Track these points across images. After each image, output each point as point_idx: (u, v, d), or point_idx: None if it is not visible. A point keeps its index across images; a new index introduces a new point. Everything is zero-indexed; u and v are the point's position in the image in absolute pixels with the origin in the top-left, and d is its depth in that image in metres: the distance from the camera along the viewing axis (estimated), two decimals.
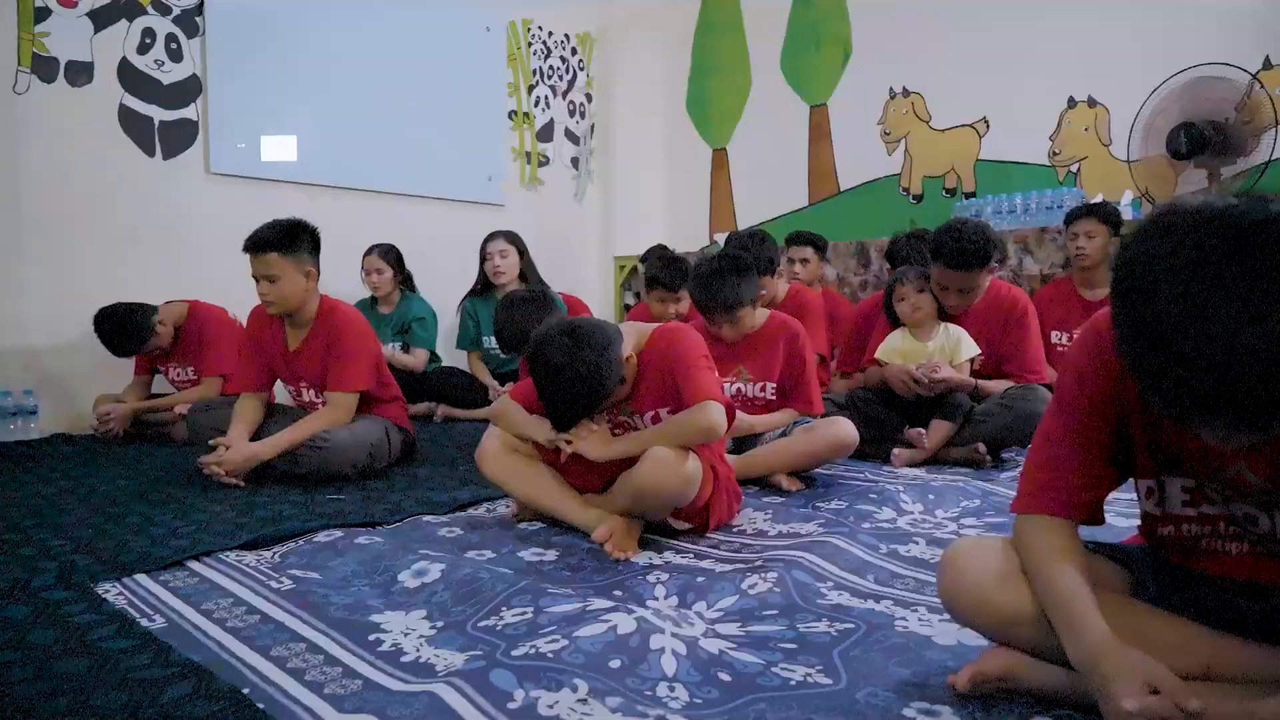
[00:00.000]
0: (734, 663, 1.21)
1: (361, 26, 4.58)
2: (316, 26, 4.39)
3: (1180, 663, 0.99)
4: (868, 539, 1.78)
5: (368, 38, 4.60)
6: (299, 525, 1.93)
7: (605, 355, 1.73)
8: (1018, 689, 1.08)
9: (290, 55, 4.29)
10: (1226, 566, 1.08)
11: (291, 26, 4.28)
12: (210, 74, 3.99)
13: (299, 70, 4.33)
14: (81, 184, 3.65)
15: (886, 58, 5.00)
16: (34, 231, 3.54)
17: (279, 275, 2.53)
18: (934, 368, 2.70)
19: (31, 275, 3.54)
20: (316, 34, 4.39)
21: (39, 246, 3.55)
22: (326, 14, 4.43)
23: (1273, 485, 0.99)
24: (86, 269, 3.63)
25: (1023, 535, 1.10)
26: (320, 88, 4.42)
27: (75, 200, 3.63)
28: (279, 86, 4.26)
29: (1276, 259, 0.76)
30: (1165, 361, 0.81)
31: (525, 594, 1.44)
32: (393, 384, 2.91)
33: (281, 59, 4.26)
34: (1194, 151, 3.66)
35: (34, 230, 3.54)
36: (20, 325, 3.51)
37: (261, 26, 4.16)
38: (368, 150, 4.63)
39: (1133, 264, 0.84)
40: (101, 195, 3.70)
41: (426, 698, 1.06)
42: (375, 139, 4.65)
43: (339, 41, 4.49)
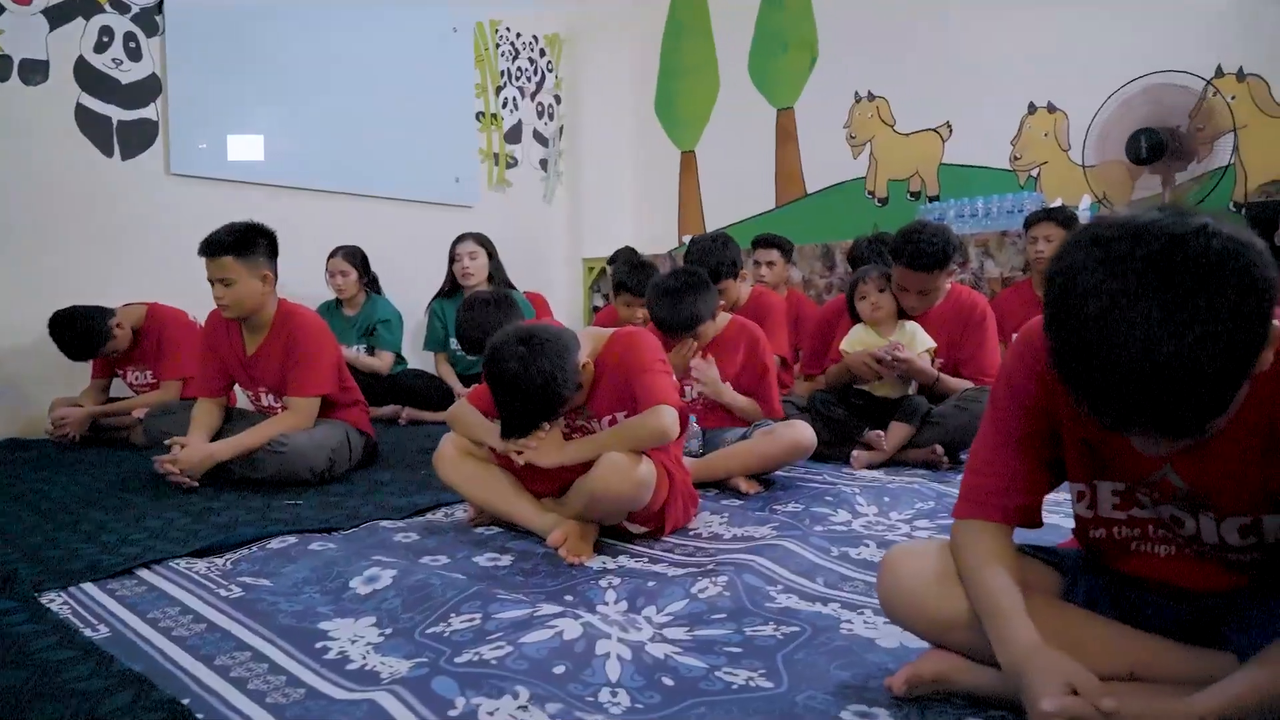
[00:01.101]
0: (679, 667, 1.23)
1: (326, 26, 4.54)
2: (281, 27, 4.35)
3: (1107, 664, 1.02)
4: (819, 542, 1.80)
5: (333, 38, 4.57)
6: (252, 532, 1.92)
7: (561, 363, 1.73)
8: (953, 690, 1.10)
9: (254, 55, 4.25)
10: (1155, 568, 1.11)
11: (255, 27, 4.24)
12: (170, 73, 3.94)
13: (263, 71, 4.29)
14: (37, 184, 3.59)
15: (852, 62, 5.05)
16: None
17: (234, 279, 2.51)
18: (895, 346, 2.73)
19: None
20: (281, 34, 4.35)
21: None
22: (291, 14, 4.39)
23: (1198, 489, 1.01)
24: (42, 270, 3.58)
25: (957, 540, 1.12)
26: (285, 88, 4.39)
27: (30, 200, 3.57)
28: (243, 87, 4.21)
29: (1196, 273, 0.79)
30: (1090, 371, 0.84)
31: (475, 600, 1.44)
32: (354, 387, 2.90)
33: (245, 59, 4.21)
34: (1154, 156, 3.74)
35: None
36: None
37: (223, 26, 4.12)
38: (334, 151, 4.59)
39: (1062, 274, 0.86)
40: (58, 195, 3.64)
41: (367, 705, 1.06)
42: (341, 140, 4.62)
43: (304, 42, 4.45)
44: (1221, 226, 0.81)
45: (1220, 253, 0.79)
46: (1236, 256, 0.79)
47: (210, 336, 2.75)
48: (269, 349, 2.67)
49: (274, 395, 2.71)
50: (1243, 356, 0.79)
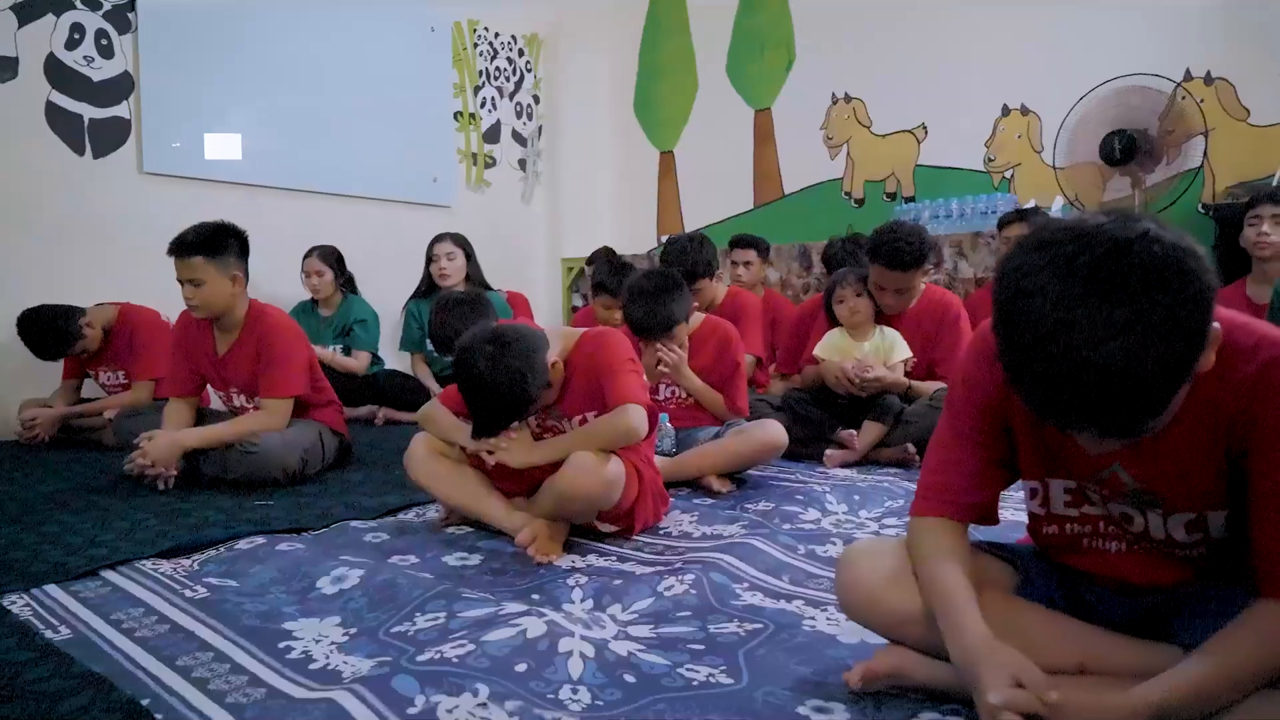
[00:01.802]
0: (641, 664, 1.24)
1: (304, 25, 4.52)
2: (257, 25, 4.32)
3: (1057, 657, 1.04)
4: (787, 540, 1.82)
5: (310, 37, 4.55)
6: (220, 533, 1.91)
7: (530, 363, 1.73)
8: (908, 685, 1.11)
9: (230, 54, 4.22)
10: (1106, 564, 1.13)
11: (230, 25, 4.21)
12: (143, 71, 3.91)
13: (240, 69, 4.27)
14: (6, 182, 3.56)
15: (829, 64, 5.08)
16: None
17: (204, 280, 2.50)
18: (865, 367, 2.76)
19: None
20: (258, 33, 4.33)
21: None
22: (267, 13, 4.37)
23: (1145, 486, 1.03)
24: (12, 270, 3.54)
25: (913, 537, 1.14)
26: (262, 87, 4.36)
27: (0, 199, 3.54)
28: (219, 85, 4.19)
29: (1138, 278, 0.80)
30: (1034, 371, 0.85)
31: (440, 599, 1.44)
32: (327, 388, 2.89)
33: (221, 58, 4.19)
34: (1127, 158, 3.78)
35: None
36: None
37: (198, 25, 4.09)
38: (311, 150, 4.57)
39: (1011, 276, 0.88)
40: (28, 194, 3.61)
41: (326, 705, 1.06)
42: (318, 139, 4.60)
43: (281, 40, 4.43)
44: (1164, 233, 0.83)
45: (1161, 258, 0.81)
46: (1177, 263, 0.81)
47: (181, 336, 2.73)
48: (240, 349, 2.65)
49: (245, 396, 2.70)
50: (1181, 359, 0.81)
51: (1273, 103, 3.74)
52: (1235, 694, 0.88)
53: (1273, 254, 2.95)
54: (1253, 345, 0.95)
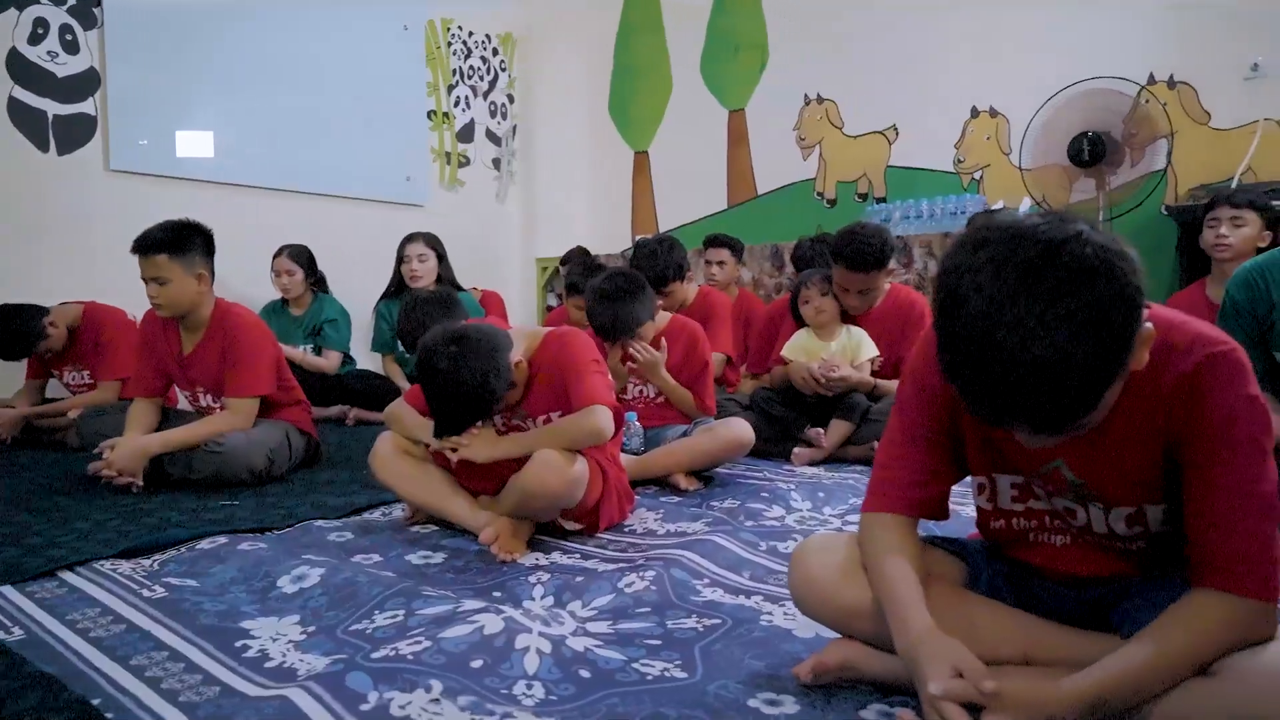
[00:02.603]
0: (597, 659, 1.24)
1: (275, 23, 4.49)
2: (227, 23, 4.29)
3: (1001, 648, 1.06)
4: (749, 536, 1.83)
5: (282, 34, 4.52)
6: (181, 533, 1.90)
7: (492, 363, 1.74)
8: (858, 677, 1.13)
9: (200, 52, 4.19)
10: (1051, 558, 1.15)
11: (200, 23, 4.18)
12: (109, 67, 3.87)
13: (210, 67, 4.23)
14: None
15: (801, 65, 5.11)
16: None
17: (168, 278, 2.48)
18: (831, 367, 2.78)
19: None
20: (228, 30, 4.29)
21: None
22: (238, 10, 4.33)
23: (1087, 481, 1.06)
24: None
25: (863, 532, 1.16)
26: (232, 85, 4.33)
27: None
28: (189, 83, 4.16)
29: (1068, 278, 0.83)
30: (969, 367, 0.87)
31: (400, 597, 1.45)
32: (295, 387, 2.87)
33: (191, 55, 4.15)
34: (1095, 159, 3.83)
35: None
36: None
37: (166, 21, 4.05)
38: (282, 149, 4.55)
39: (949, 274, 0.90)
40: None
41: (278, 702, 1.06)
42: (290, 137, 4.57)
43: (252, 38, 4.40)
44: (1095, 235, 0.85)
45: (1091, 259, 0.83)
46: (1107, 264, 0.83)
47: (146, 335, 2.71)
48: (206, 348, 2.63)
49: (212, 395, 2.68)
50: (1110, 357, 0.83)
51: (1233, 107, 3.82)
52: (1167, 681, 0.90)
53: (1231, 255, 3.00)
54: (1188, 344, 0.97)
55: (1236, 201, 2.97)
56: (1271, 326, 1.99)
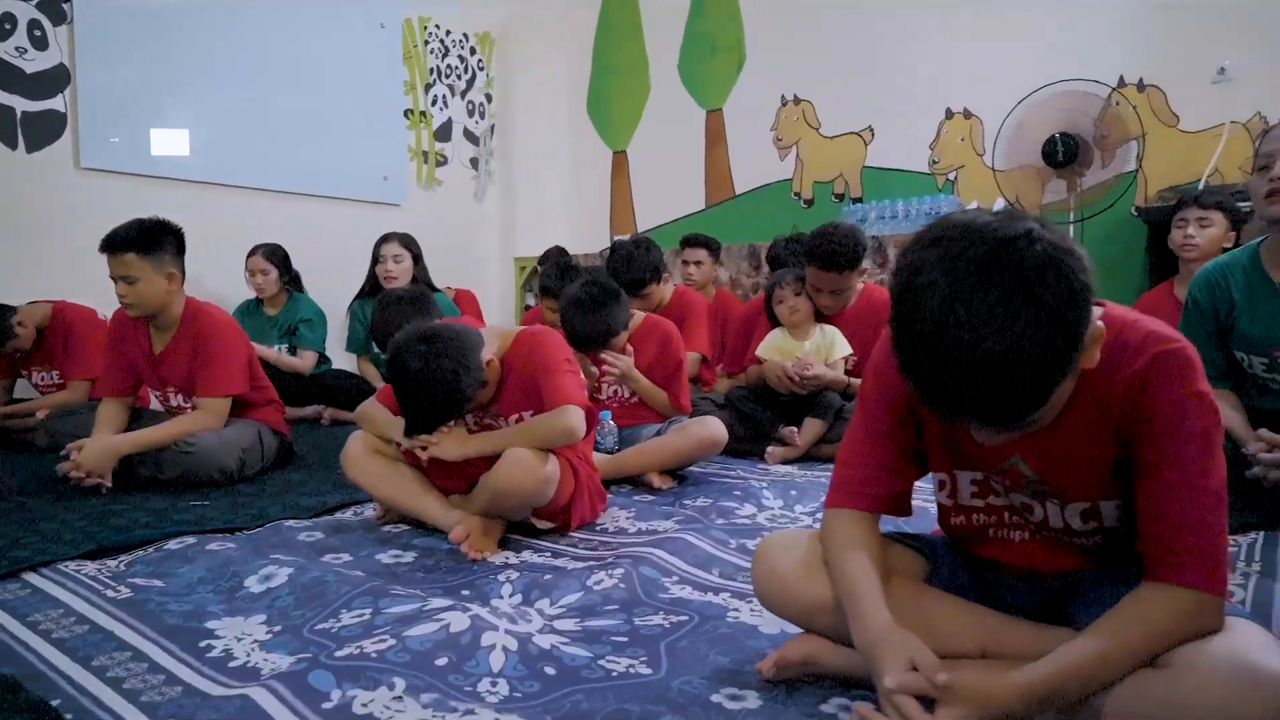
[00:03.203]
0: (563, 657, 1.25)
1: (250, 20, 4.45)
2: (201, 20, 4.24)
3: (960, 642, 1.07)
4: (719, 534, 1.84)
5: (256, 31, 4.48)
6: (148, 533, 1.89)
7: (463, 362, 1.74)
8: (820, 672, 1.14)
9: (174, 49, 4.15)
10: (1010, 553, 1.17)
11: (173, 19, 4.13)
12: (80, 64, 3.82)
13: (184, 64, 4.19)
14: None
15: (778, 66, 5.13)
16: None
17: (138, 277, 2.45)
18: (805, 365, 2.80)
19: None
20: (202, 27, 4.25)
21: None
22: (212, 7, 4.29)
23: (1044, 477, 1.07)
24: None
25: (825, 528, 1.17)
26: (208, 83, 4.29)
27: None
28: (162, 80, 4.11)
29: (1018, 275, 0.84)
30: (923, 363, 0.89)
31: (367, 596, 1.44)
32: (268, 386, 2.86)
33: (164, 52, 4.11)
34: (1069, 160, 3.87)
35: None
36: None
37: (138, 17, 4.01)
38: (258, 147, 4.51)
39: (904, 271, 0.91)
40: None
41: (239, 701, 1.06)
42: (266, 135, 4.54)
43: (227, 35, 4.36)
44: (1045, 233, 0.87)
45: (1041, 257, 0.84)
46: (1056, 262, 0.85)
47: (116, 334, 2.68)
48: (177, 348, 2.61)
49: (183, 395, 2.65)
50: (1058, 354, 0.85)
51: (1200, 110, 3.87)
52: (1117, 673, 0.92)
53: (1198, 255, 3.04)
54: (1140, 341, 0.99)
55: (1203, 203, 3.02)
56: (1232, 326, 2.03)
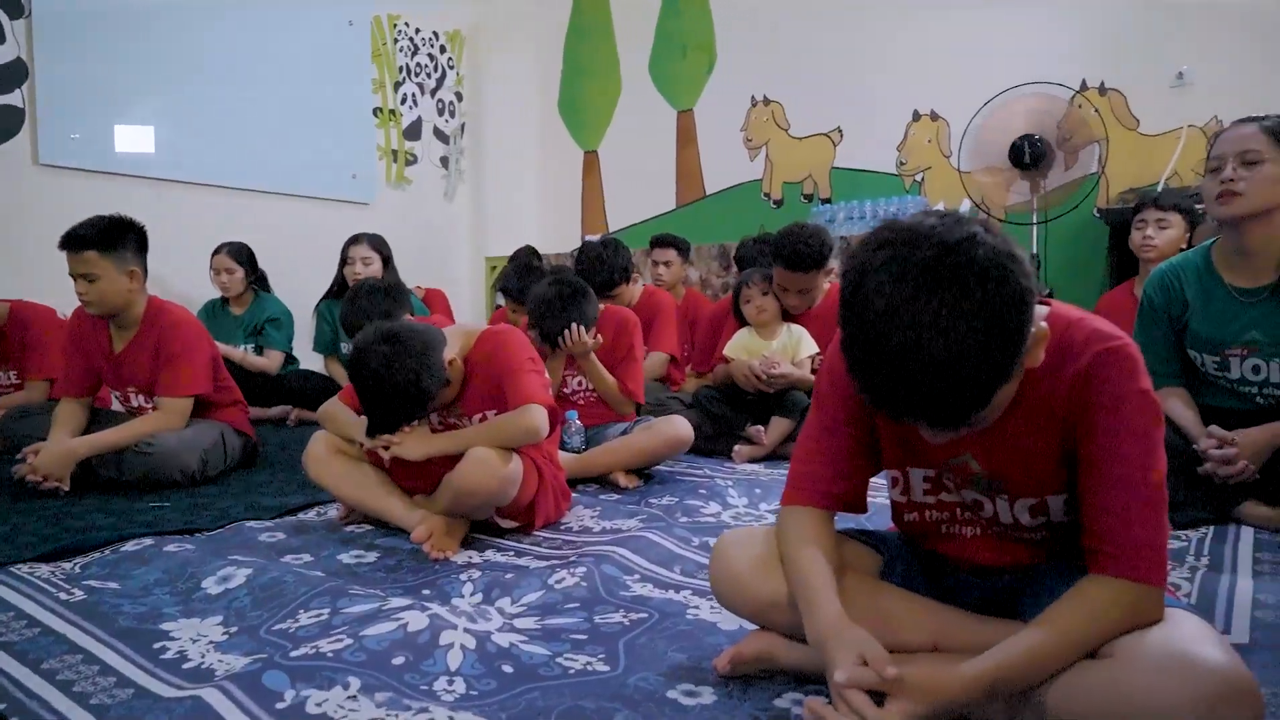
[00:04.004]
0: (521, 655, 1.25)
1: (216, 16, 4.40)
2: (166, 15, 4.19)
3: (911, 636, 1.09)
4: (682, 532, 1.85)
5: (222, 27, 4.43)
6: (104, 535, 1.86)
7: (425, 361, 1.73)
8: (775, 668, 1.16)
9: (138, 44, 4.09)
10: (962, 548, 1.19)
11: (136, 13, 4.07)
12: (39, 58, 3.76)
13: (149, 60, 4.14)
14: None
15: (748, 67, 5.16)
16: None
17: (99, 275, 2.42)
18: (771, 364, 2.82)
19: None
20: (167, 23, 4.20)
21: None
22: (175, 2, 4.23)
23: (993, 473, 1.09)
24: None
25: (780, 524, 1.18)
26: (173, 79, 4.24)
27: None
28: (126, 76, 4.06)
29: (961, 278, 0.86)
30: (870, 364, 0.90)
31: (325, 596, 1.43)
32: (232, 387, 2.83)
33: (127, 48, 4.05)
34: (1035, 162, 3.92)
35: None
36: None
37: (99, 11, 3.95)
38: (225, 145, 4.46)
39: (852, 274, 0.93)
40: None
41: (191, 702, 1.05)
42: (232, 133, 4.49)
43: (193, 31, 4.30)
44: (988, 237, 0.88)
45: (983, 261, 0.86)
46: (998, 265, 0.86)
47: (75, 334, 2.64)
48: (138, 347, 2.58)
49: (144, 395, 2.62)
50: (1001, 356, 0.86)
51: (1160, 113, 3.94)
52: (1060, 663, 0.93)
53: (1156, 256, 3.10)
54: (1084, 340, 1.01)
55: (1161, 204, 3.08)
56: (1186, 325, 2.07)
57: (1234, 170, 1.89)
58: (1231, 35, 3.75)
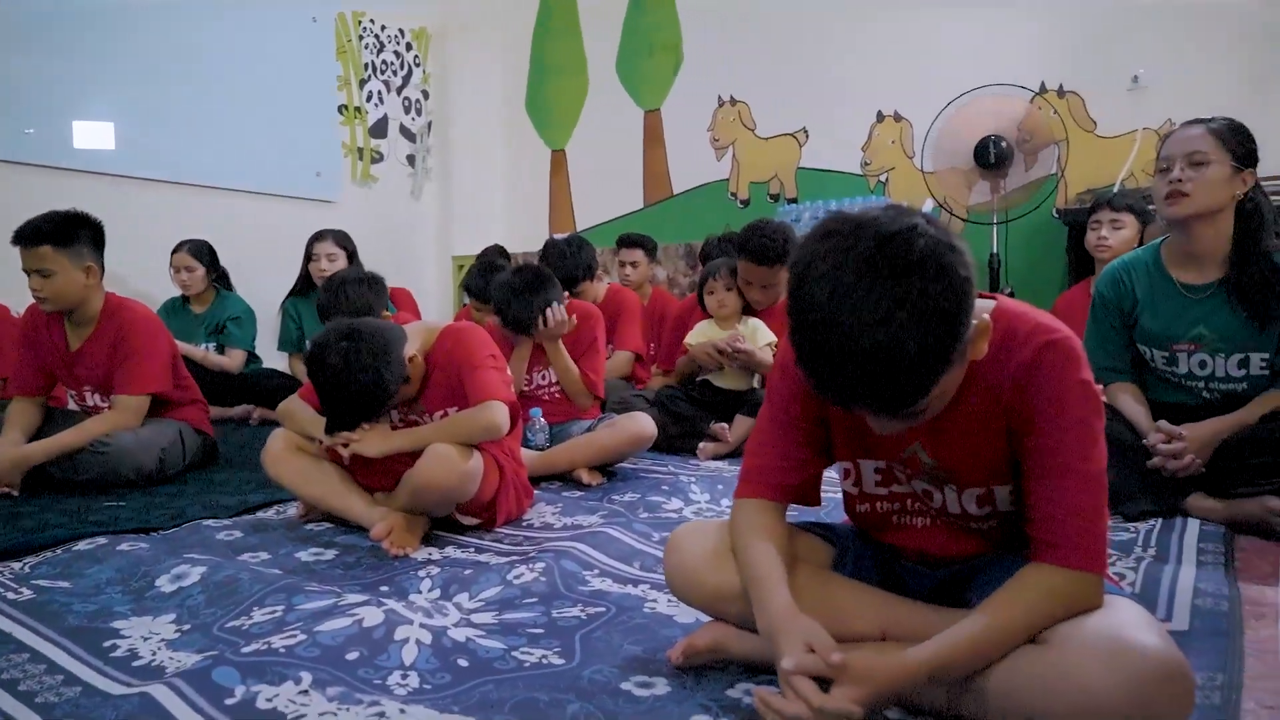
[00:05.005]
0: (477, 649, 1.25)
1: (179, 10, 4.33)
2: (125, 9, 4.11)
3: (862, 626, 1.11)
4: (643, 528, 1.86)
5: (185, 23, 4.36)
6: (56, 534, 1.83)
7: (385, 358, 1.73)
8: (728, 659, 1.17)
9: (96, 39, 4.01)
10: (913, 539, 1.21)
11: (94, 7, 4.00)
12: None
13: (109, 56, 4.06)
14: None
15: (715, 67, 5.18)
16: None
17: (54, 270, 2.38)
18: (736, 338, 2.85)
19: None
20: (126, 17, 4.12)
21: None
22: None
23: (941, 464, 1.11)
24: None
25: (734, 517, 1.19)
26: (134, 75, 4.17)
27: None
28: (84, 72, 3.98)
29: (901, 268, 0.87)
30: (814, 353, 0.91)
31: (281, 593, 1.43)
32: (192, 386, 2.79)
33: (86, 43, 3.97)
34: (1000, 162, 3.97)
35: None
36: None
37: (56, 5, 3.87)
38: (186, 141, 4.39)
39: (799, 264, 0.94)
40: None
41: (138, 699, 1.04)
42: (194, 129, 4.42)
43: (155, 27, 4.23)
44: (928, 229, 0.90)
45: (923, 251, 0.88)
46: (937, 255, 0.88)
47: (29, 331, 2.59)
48: (95, 344, 2.54)
49: (100, 394, 2.58)
50: (940, 344, 0.88)
51: (1117, 116, 4.02)
52: (1002, 649, 0.96)
53: (1110, 255, 3.16)
54: (1028, 332, 1.04)
55: (1116, 205, 3.14)
56: (1136, 321, 2.11)
57: (1182, 171, 1.93)
58: (1186, 40, 3.83)
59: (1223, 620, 1.31)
